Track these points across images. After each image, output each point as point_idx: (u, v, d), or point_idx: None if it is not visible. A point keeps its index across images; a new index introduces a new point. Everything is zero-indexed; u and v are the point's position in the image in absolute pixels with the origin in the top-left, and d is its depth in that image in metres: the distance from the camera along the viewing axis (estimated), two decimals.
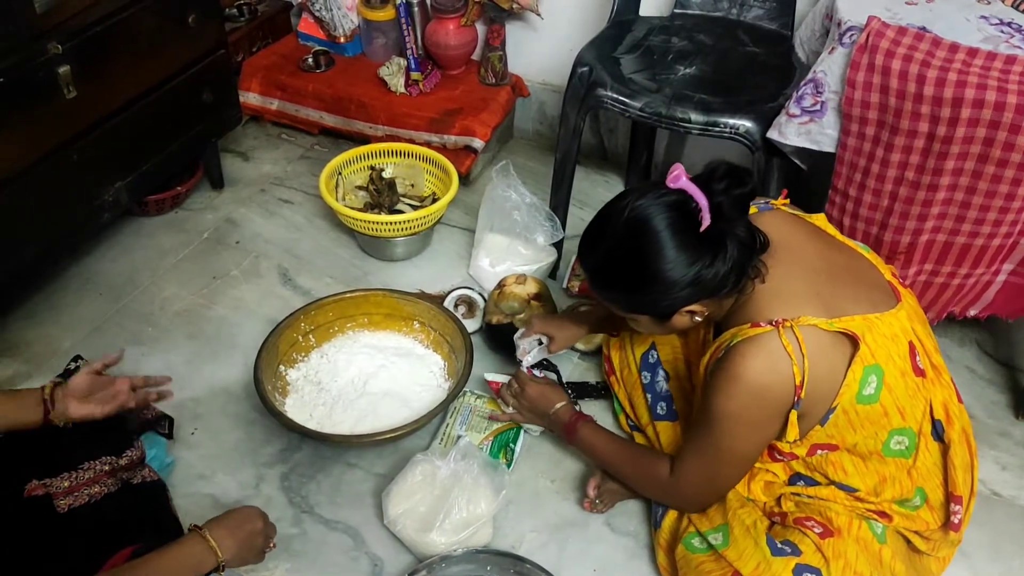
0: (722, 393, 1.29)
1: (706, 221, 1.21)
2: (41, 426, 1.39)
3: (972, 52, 1.52)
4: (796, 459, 1.41)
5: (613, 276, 1.29)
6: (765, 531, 1.40)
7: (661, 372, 1.69)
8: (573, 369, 1.96)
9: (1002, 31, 1.62)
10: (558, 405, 1.64)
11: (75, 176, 1.90)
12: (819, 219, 1.47)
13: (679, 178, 1.22)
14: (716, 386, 1.30)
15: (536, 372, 1.72)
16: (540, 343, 1.73)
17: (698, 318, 1.30)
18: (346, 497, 1.69)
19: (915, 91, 1.52)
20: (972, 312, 1.81)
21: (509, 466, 1.72)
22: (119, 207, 2.07)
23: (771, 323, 1.25)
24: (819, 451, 1.38)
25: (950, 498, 1.40)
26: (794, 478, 1.46)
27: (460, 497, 1.55)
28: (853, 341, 1.26)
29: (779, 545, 1.36)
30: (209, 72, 2.20)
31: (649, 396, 1.70)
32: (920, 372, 1.34)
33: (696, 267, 1.22)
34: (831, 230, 1.45)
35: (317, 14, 2.64)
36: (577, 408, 1.67)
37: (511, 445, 1.74)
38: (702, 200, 1.21)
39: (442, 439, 1.75)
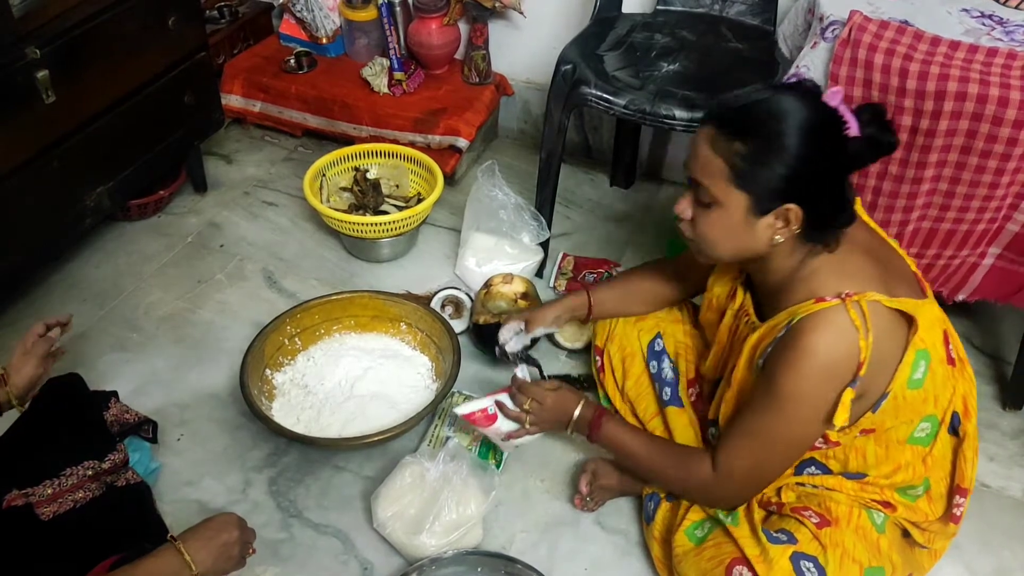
0: (790, 372, 1.24)
1: (853, 131, 1.20)
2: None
3: (954, 45, 1.52)
4: (838, 446, 1.37)
5: (752, 124, 1.21)
6: (761, 523, 1.39)
7: (667, 360, 1.67)
8: (561, 367, 1.96)
9: (983, 23, 1.63)
10: (580, 407, 1.53)
11: (56, 182, 1.88)
12: (856, 204, 1.43)
13: (837, 95, 1.21)
14: (783, 366, 1.25)
15: (521, 370, 1.67)
16: (520, 331, 1.70)
17: (779, 237, 1.24)
18: (335, 501, 1.68)
19: (898, 85, 1.52)
20: (961, 296, 1.81)
21: (498, 467, 1.71)
22: (101, 212, 2.06)
23: (838, 296, 1.22)
24: (858, 436, 1.35)
25: (956, 490, 1.40)
26: (803, 464, 1.43)
27: (450, 499, 1.55)
28: (907, 323, 1.25)
29: (775, 534, 1.36)
30: (190, 75, 2.18)
31: (656, 384, 1.68)
32: (952, 361, 1.33)
33: (828, 162, 1.21)
34: (865, 217, 1.42)
35: (298, 15, 2.63)
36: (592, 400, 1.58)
37: None
38: (853, 123, 1.20)
39: (431, 441, 1.75)
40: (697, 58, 1.95)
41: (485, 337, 1.94)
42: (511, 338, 1.69)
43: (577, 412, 1.53)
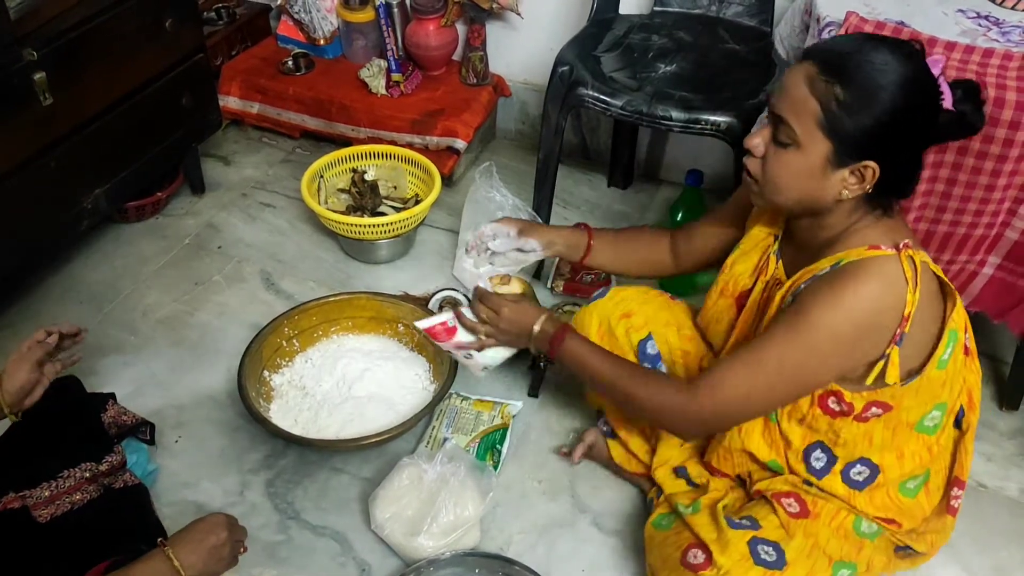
0: (827, 305, 1.18)
1: (947, 104, 1.17)
2: None
3: (950, 46, 1.52)
4: (848, 415, 1.31)
5: (855, 71, 1.15)
6: (723, 512, 1.39)
7: (662, 367, 1.60)
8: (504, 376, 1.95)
9: (979, 24, 1.63)
10: (541, 320, 1.44)
11: (53, 184, 1.88)
12: None
13: (939, 63, 1.19)
14: (819, 298, 1.19)
15: (483, 280, 1.55)
16: (511, 235, 1.59)
17: (847, 193, 1.21)
18: (332, 502, 1.68)
19: None
20: None
21: (496, 468, 1.71)
22: (99, 214, 2.06)
23: (895, 247, 1.19)
24: (873, 408, 1.30)
25: (954, 482, 1.39)
26: (810, 449, 1.38)
27: (447, 500, 1.55)
28: (944, 298, 1.24)
29: (737, 520, 1.36)
30: (188, 76, 2.18)
31: None
32: (967, 351, 1.32)
33: (919, 128, 1.18)
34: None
35: (296, 16, 2.63)
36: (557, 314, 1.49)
37: (498, 447, 1.74)
38: (948, 96, 1.17)
39: (428, 442, 1.75)
40: (694, 59, 1.95)
41: None
42: (498, 236, 1.58)
43: (538, 326, 1.44)
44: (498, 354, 1.55)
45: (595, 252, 1.61)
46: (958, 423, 1.38)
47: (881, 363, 1.22)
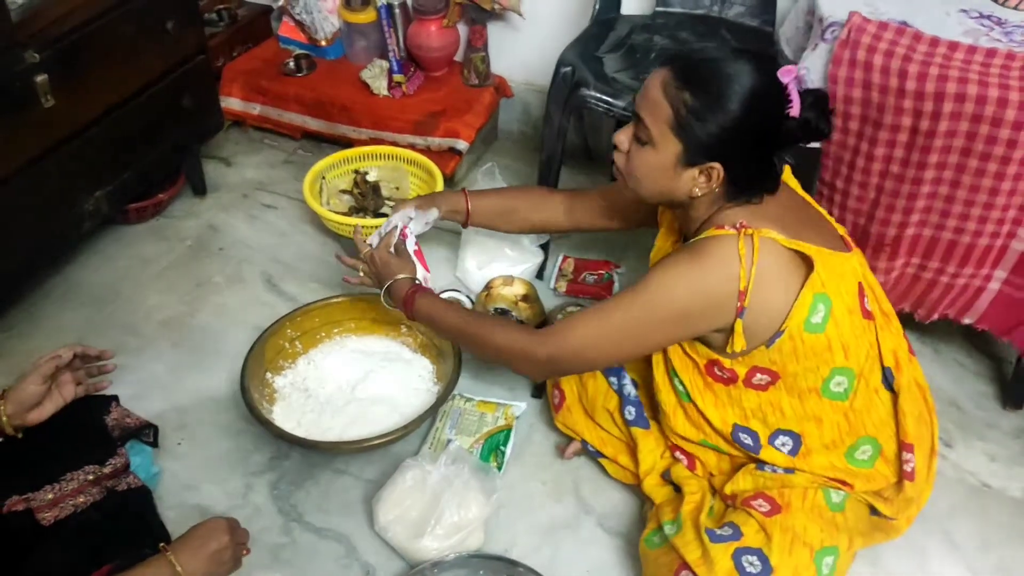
0: (666, 273, 1.31)
1: (794, 111, 1.25)
2: None
3: (953, 46, 1.52)
4: (735, 382, 1.39)
5: (704, 80, 1.24)
6: (707, 521, 1.41)
7: (627, 378, 1.64)
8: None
9: (982, 24, 1.63)
10: (397, 277, 1.58)
11: (55, 186, 1.88)
12: (785, 171, 1.48)
13: (790, 74, 1.26)
14: (661, 268, 1.32)
15: (401, 217, 1.66)
16: (412, 218, 1.68)
17: (698, 191, 1.30)
18: (336, 504, 1.68)
19: (897, 86, 1.53)
20: (967, 320, 1.80)
21: (500, 469, 1.71)
22: (100, 216, 2.05)
23: (735, 227, 1.27)
24: (758, 375, 1.36)
25: (903, 447, 1.41)
26: (734, 433, 1.44)
27: (451, 502, 1.55)
28: (807, 267, 1.29)
29: (718, 533, 1.37)
30: (189, 78, 2.18)
31: (621, 401, 1.65)
32: (868, 314, 1.35)
33: (761, 134, 1.26)
34: (795, 183, 1.46)
35: (297, 17, 2.62)
36: (419, 282, 1.60)
37: (501, 448, 1.73)
38: (796, 104, 1.25)
39: (432, 443, 1.75)
40: None
41: None
42: (413, 220, 1.67)
43: (392, 280, 1.59)
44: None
45: (474, 215, 1.76)
46: (891, 387, 1.40)
47: (732, 335, 1.31)
